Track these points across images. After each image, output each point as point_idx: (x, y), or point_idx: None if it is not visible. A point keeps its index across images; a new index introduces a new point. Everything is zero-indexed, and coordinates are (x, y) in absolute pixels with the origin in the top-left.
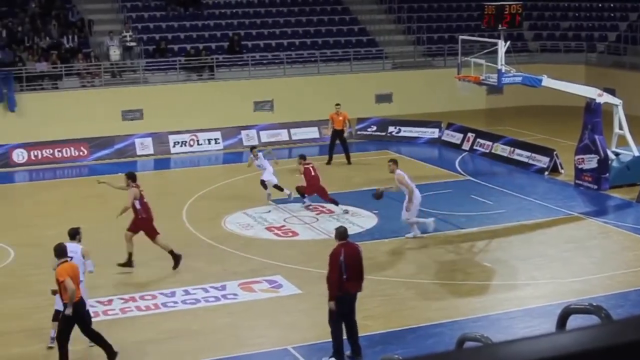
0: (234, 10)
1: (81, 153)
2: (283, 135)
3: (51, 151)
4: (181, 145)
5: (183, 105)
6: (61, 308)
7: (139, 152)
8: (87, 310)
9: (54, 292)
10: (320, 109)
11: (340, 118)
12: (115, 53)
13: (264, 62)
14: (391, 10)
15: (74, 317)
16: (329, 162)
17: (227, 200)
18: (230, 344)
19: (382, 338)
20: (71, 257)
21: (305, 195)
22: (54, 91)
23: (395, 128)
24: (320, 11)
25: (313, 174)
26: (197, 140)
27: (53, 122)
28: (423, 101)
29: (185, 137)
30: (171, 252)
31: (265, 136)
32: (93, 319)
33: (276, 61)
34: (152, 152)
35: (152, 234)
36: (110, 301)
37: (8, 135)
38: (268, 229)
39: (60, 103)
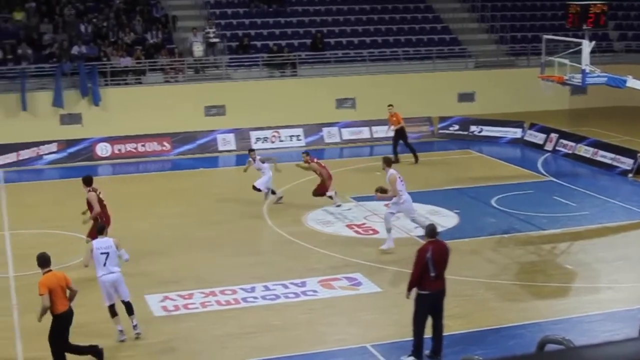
0: (317, 8)
1: (164, 148)
2: (365, 133)
3: (134, 145)
4: (263, 142)
5: (265, 101)
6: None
7: (220, 148)
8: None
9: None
10: (402, 107)
11: (394, 118)
12: (198, 49)
13: (347, 59)
14: (475, 9)
15: (63, 325)
16: (395, 161)
17: (309, 197)
18: (309, 340)
19: (461, 338)
20: (107, 252)
21: (330, 193)
22: (137, 86)
23: (477, 127)
24: (404, 9)
25: (323, 165)
26: (279, 137)
27: (136, 117)
28: (505, 101)
29: (267, 133)
30: None
31: (347, 134)
32: (174, 313)
33: (358, 59)
34: (234, 147)
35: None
36: (191, 295)
37: (92, 129)
38: (348, 226)
39: (143, 98)
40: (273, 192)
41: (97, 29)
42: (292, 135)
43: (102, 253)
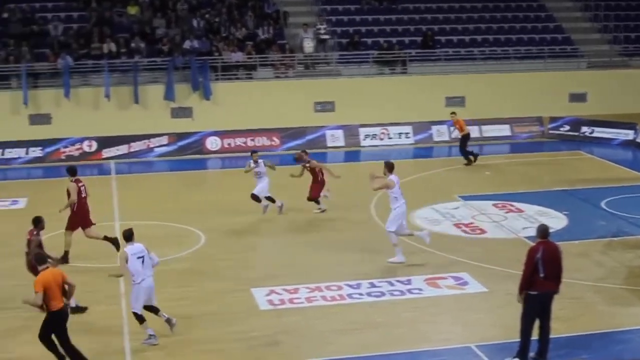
0: (428, 5)
1: (273, 143)
2: (474, 131)
3: (244, 140)
4: (371, 138)
5: (374, 98)
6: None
7: (329, 144)
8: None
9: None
10: (512, 106)
11: (458, 125)
12: (309, 45)
13: (457, 57)
14: (587, 8)
15: (54, 325)
16: (468, 163)
17: (416, 195)
18: (414, 338)
19: (567, 341)
20: (142, 257)
21: (325, 193)
22: (248, 81)
23: (589, 128)
24: (516, 8)
25: (317, 169)
26: (388, 134)
27: (246, 112)
28: (618, 102)
29: (376, 130)
30: (105, 238)
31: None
32: (280, 307)
33: (469, 57)
34: (342, 144)
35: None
36: (296, 290)
37: (202, 123)
38: (456, 225)
39: (253, 93)
40: (272, 200)
41: (209, 24)
42: (401, 133)
43: (138, 257)
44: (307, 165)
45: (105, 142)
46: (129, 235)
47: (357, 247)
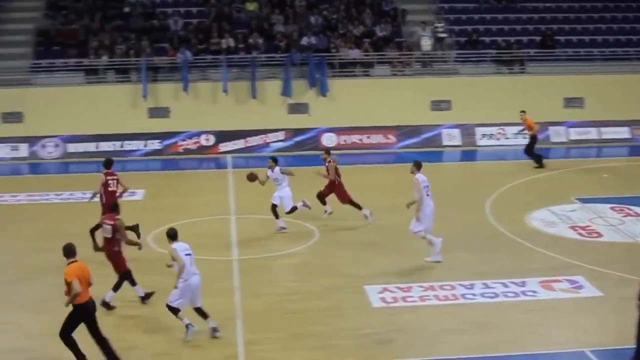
0: (548, 5)
1: (389, 140)
2: (592, 133)
3: (359, 137)
4: (488, 138)
5: (491, 97)
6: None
7: (445, 143)
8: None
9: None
10: (632, 108)
11: (527, 125)
12: (426, 43)
13: (576, 58)
14: None
15: (83, 316)
16: (540, 166)
17: (533, 196)
18: (527, 341)
19: None
20: (190, 254)
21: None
22: (364, 78)
23: None
24: (637, 8)
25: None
26: (504, 134)
27: (362, 109)
28: None
29: (493, 130)
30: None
31: (574, 134)
32: (392, 305)
33: (589, 58)
34: (459, 143)
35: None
36: (409, 288)
37: (319, 119)
38: (572, 227)
39: (370, 90)
40: (294, 209)
41: (326, 21)
42: (518, 133)
43: (186, 254)
44: (327, 165)
45: (223, 136)
46: (173, 235)
47: (471, 247)
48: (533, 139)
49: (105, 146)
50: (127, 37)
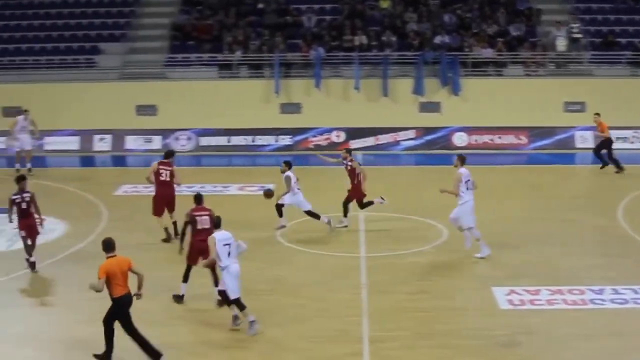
0: None
1: (520, 141)
2: None
3: (491, 137)
4: (622, 141)
5: (627, 100)
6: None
7: (578, 145)
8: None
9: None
10: None
11: (600, 128)
12: (561, 44)
13: None
14: None
15: (117, 313)
16: (618, 170)
17: None
18: None
19: None
20: (229, 244)
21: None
22: (497, 78)
23: None
24: None
25: (357, 171)
26: (639, 138)
27: (494, 109)
28: None
29: (627, 133)
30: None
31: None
32: (519, 307)
33: None
34: (592, 146)
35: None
36: (537, 291)
37: (450, 118)
38: None
39: (503, 90)
40: (315, 215)
41: (460, 20)
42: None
43: (225, 244)
44: (350, 165)
45: (353, 133)
46: (218, 223)
47: (601, 251)
48: (605, 142)
49: (236, 140)
50: (261, 33)
